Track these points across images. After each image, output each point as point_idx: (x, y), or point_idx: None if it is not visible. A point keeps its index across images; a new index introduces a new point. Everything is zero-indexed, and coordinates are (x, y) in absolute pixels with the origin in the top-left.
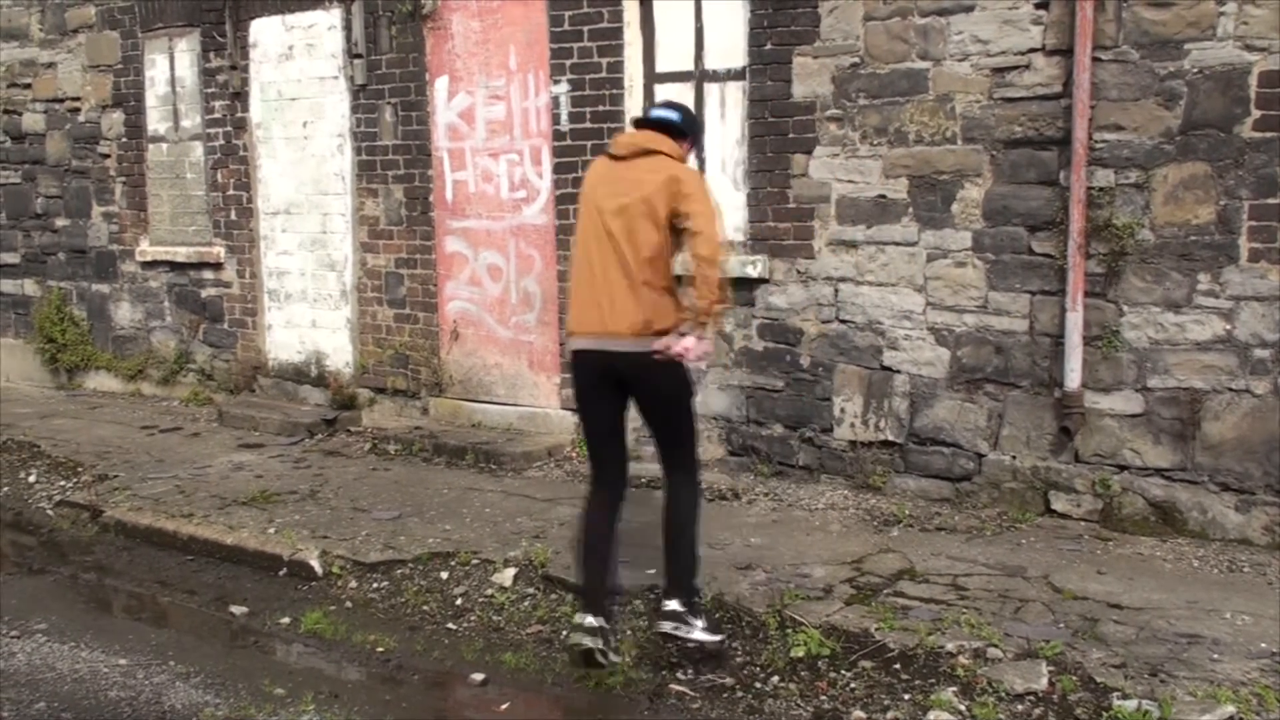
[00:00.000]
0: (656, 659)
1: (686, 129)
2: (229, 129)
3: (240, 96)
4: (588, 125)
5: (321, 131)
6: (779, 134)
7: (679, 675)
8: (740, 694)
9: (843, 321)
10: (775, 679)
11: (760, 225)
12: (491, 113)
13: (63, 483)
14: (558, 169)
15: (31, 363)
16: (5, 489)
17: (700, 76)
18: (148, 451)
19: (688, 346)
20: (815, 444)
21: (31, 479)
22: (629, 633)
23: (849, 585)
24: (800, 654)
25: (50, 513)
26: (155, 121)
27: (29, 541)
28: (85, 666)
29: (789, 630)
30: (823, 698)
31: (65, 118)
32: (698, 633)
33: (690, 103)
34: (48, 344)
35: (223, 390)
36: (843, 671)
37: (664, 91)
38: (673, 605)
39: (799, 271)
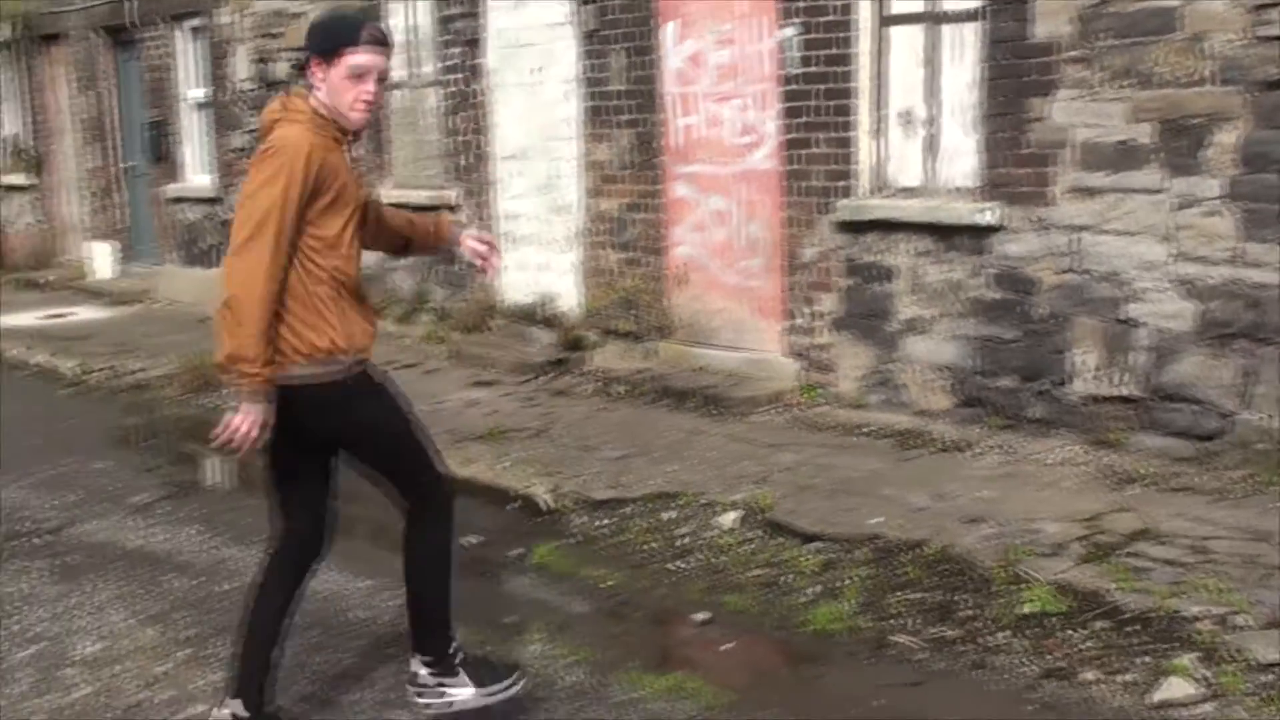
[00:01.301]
0: (879, 609)
1: (309, 45)
2: (464, 75)
3: (474, 43)
4: (817, 69)
5: (552, 77)
6: (1016, 77)
7: (903, 626)
8: (965, 648)
9: (1081, 272)
10: (1002, 635)
11: (994, 171)
12: (719, 57)
13: None
14: (785, 114)
15: None
16: None
17: (934, 18)
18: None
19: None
20: (1049, 397)
21: None
22: (853, 580)
23: (1082, 543)
24: (1029, 610)
25: None
26: (394, 69)
27: None
28: (332, 587)
29: (1018, 586)
30: (1052, 656)
31: None
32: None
33: (920, 46)
34: None
35: (457, 329)
36: (1074, 631)
37: (897, 34)
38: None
39: (1035, 219)
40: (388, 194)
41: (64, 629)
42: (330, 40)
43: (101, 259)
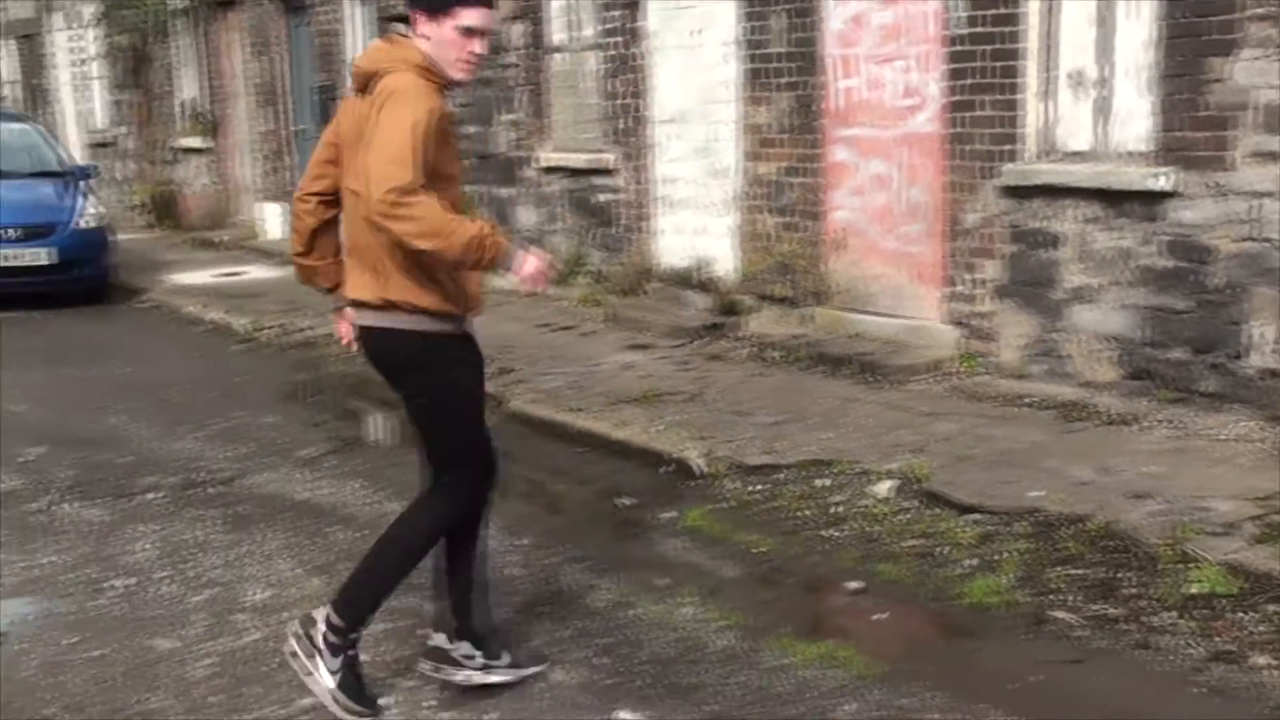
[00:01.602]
0: (1038, 584)
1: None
2: (624, 38)
3: (635, 6)
4: (983, 29)
5: (712, 39)
6: (1195, 35)
7: (1063, 602)
8: (1128, 627)
9: (1262, 240)
10: (1168, 614)
11: (1170, 135)
12: (882, 18)
13: None
14: (949, 75)
15: None
16: None
17: None
18: (545, 348)
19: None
20: (1223, 370)
21: None
22: (1011, 554)
23: (1256, 523)
24: (1197, 591)
25: None
26: (555, 32)
27: None
28: (492, 543)
29: (1185, 565)
30: (1221, 639)
31: None
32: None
33: (1093, 4)
34: None
35: (613, 292)
36: (1245, 613)
37: None
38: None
39: (1212, 185)
40: (546, 157)
41: (235, 576)
42: None
43: (272, 219)
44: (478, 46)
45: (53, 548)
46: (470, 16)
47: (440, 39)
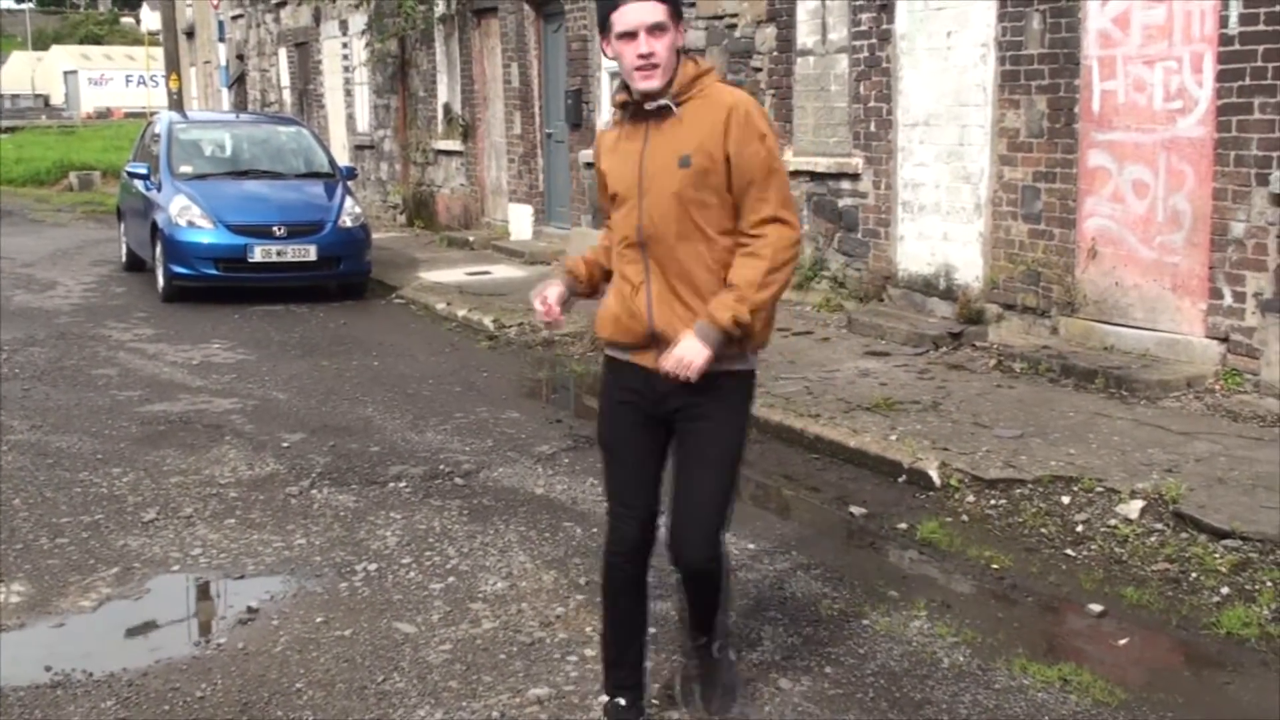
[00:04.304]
0: None
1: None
2: (873, 41)
3: (886, 8)
4: (1260, 28)
5: (965, 41)
6: None
7: None
8: None
9: None
10: None
11: None
12: (1149, 16)
13: None
14: (1221, 77)
15: None
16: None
17: None
18: (781, 353)
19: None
20: None
21: None
22: (1270, 584)
23: None
24: None
25: None
26: (804, 35)
27: None
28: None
29: None
30: None
31: (723, 33)
32: None
33: None
34: None
35: (852, 298)
36: None
37: None
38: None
39: None
40: (789, 161)
41: (473, 565)
42: (600, 9)
43: (519, 220)
44: (641, 47)
45: (306, 530)
46: (619, 22)
47: (616, 53)
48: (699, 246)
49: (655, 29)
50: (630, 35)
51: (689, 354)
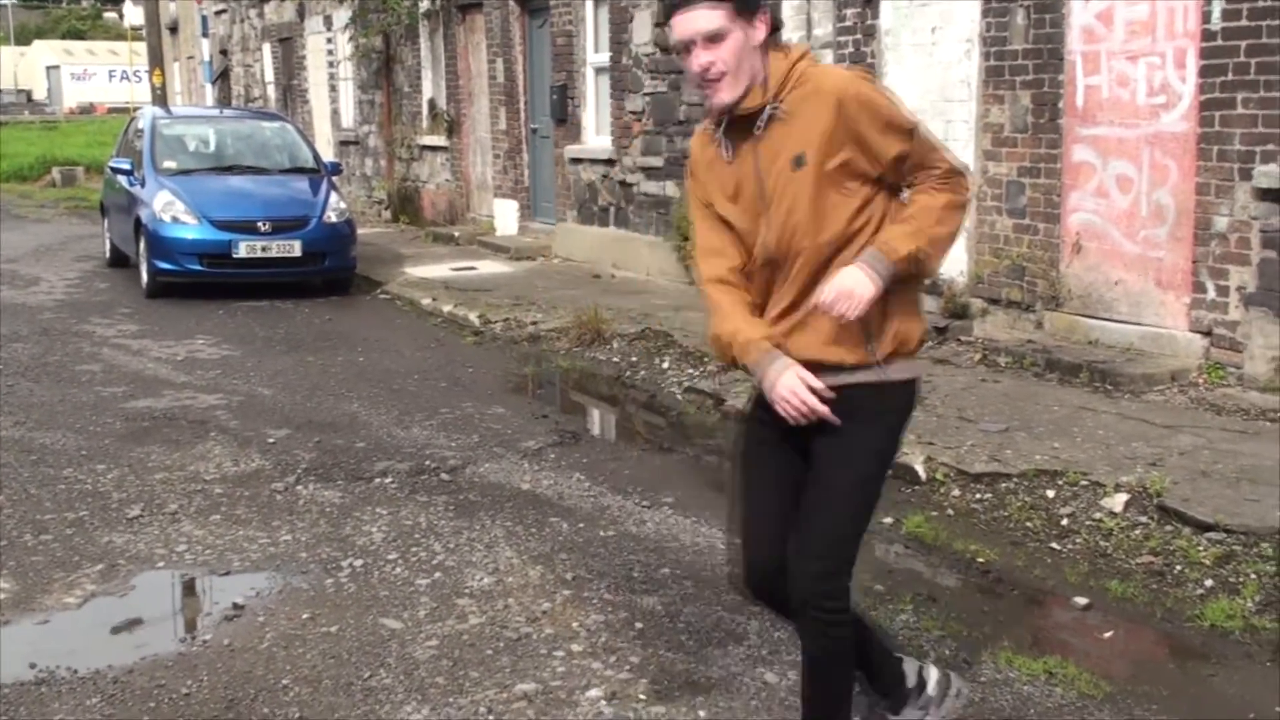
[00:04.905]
0: None
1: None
2: (858, 36)
3: (871, 3)
4: (1243, 24)
5: (949, 37)
6: None
7: None
8: None
9: None
10: None
11: None
12: (1133, 12)
13: (691, 370)
14: (1204, 72)
15: (668, 259)
16: (642, 373)
17: None
18: None
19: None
20: None
21: (665, 365)
22: (1254, 576)
23: None
24: None
25: (679, 397)
26: (789, 30)
27: (659, 422)
28: (704, 540)
29: None
30: None
31: None
32: None
33: None
34: (684, 242)
35: None
36: None
37: None
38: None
39: None
40: None
41: (459, 561)
42: (665, 12)
43: (505, 216)
44: (698, 59)
45: (292, 526)
46: (674, 33)
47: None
48: (844, 252)
49: (713, 38)
50: (685, 49)
51: (855, 285)
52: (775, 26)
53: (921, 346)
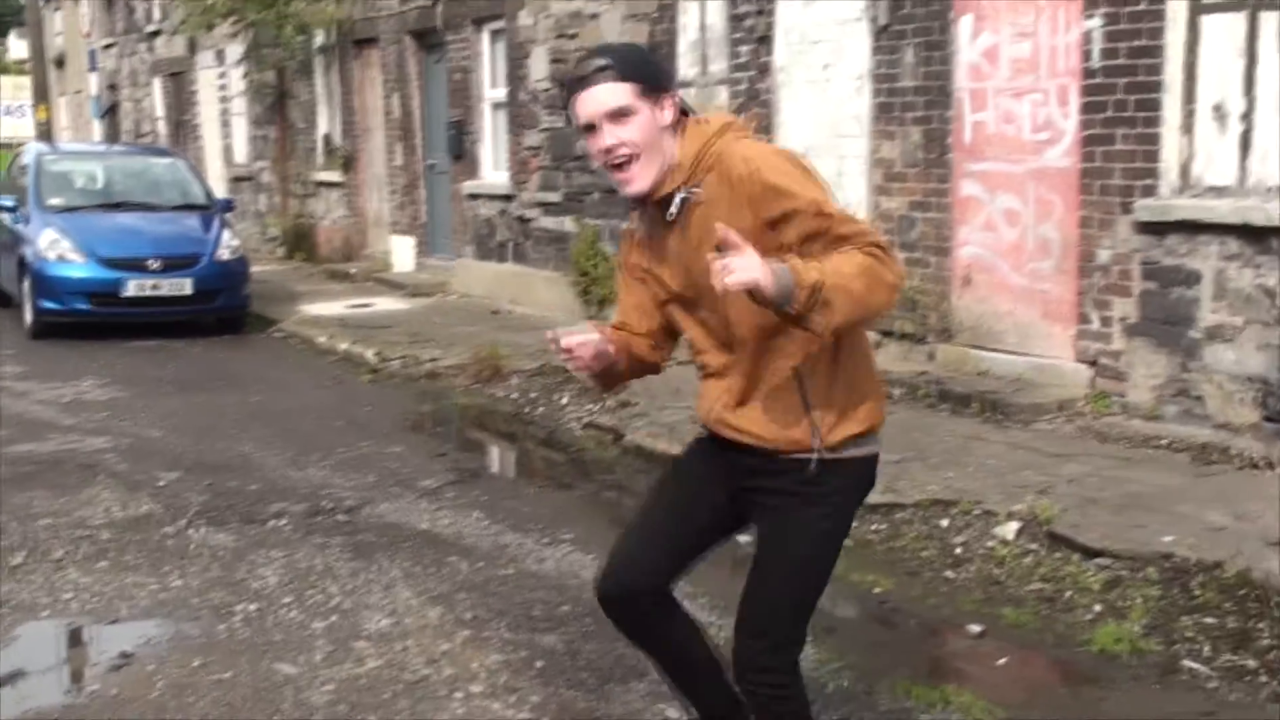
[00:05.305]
0: (1168, 632)
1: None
2: (753, 73)
3: (765, 40)
4: (1121, 62)
5: (841, 74)
6: None
7: (1195, 652)
8: (1265, 680)
9: None
10: None
11: None
12: (1017, 50)
13: (590, 406)
14: (1086, 109)
15: (566, 294)
16: (541, 409)
17: (1255, 5)
18: (666, 382)
19: None
20: None
21: (564, 401)
22: (1140, 600)
23: None
24: None
25: (578, 433)
26: (685, 67)
27: (559, 458)
28: (588, 574)
29: None
30: None
31: None
32: None
33: (1239, 35)
34: (581, 277)
35: None
36: None
37: (1211, 23)
38: None
39: None
40: None
41: (357, 603)
42: (564, 101)
43: (402, 252)
44: (602, 140)
45: (183, 571)
46: (576, 116)
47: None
48: (779, 340)
49: (618, 116)
50: (591, 128)
51: (743, 266)
52: (685, 110)
53: (879, 422)
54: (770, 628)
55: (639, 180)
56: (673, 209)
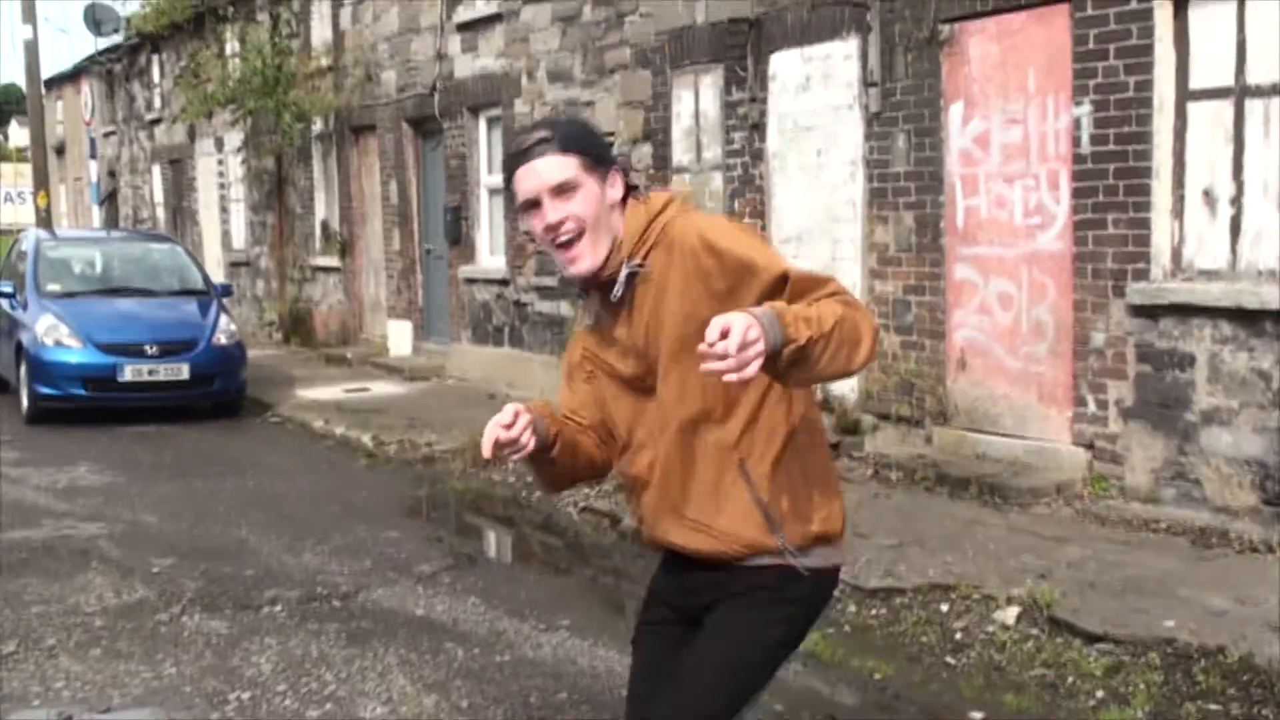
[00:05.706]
0: (1172, 718)
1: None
2: (747, 159)
3: (758, 128)
4: (1110, 148)
5: (834, 160)
6: None
7: None
8: None
9: None
10: None
11: None
12: (1007, 137)
13: (586, 490)
14: (1076, 194)
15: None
16: (538, 493)
17: (1241, 92)
18: None
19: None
20: None
21: None
22: (1143, 686)
23: None
24: None
25: (575, 517)
26: (680, 154)
27: (555, 543)
28: (602, 664)
29: None
30: None
31: None
32: None
33: (1226, 122)
34: None
35: None
36: None
37: (1198, 110)
38: None
39: None
40: None
41: (351, 691)
42: (504, 180)
43: (398, 337)
44: (545, 217)
45: (176, 659)
46: (518, 193)
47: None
48: (754, 427)
49: (562, 189)
50: (534, 204)
51: (733, 322)
52: (631, 186)
53: (841, 528)
54: None
55: (585, 258)
56: (617, 289)
